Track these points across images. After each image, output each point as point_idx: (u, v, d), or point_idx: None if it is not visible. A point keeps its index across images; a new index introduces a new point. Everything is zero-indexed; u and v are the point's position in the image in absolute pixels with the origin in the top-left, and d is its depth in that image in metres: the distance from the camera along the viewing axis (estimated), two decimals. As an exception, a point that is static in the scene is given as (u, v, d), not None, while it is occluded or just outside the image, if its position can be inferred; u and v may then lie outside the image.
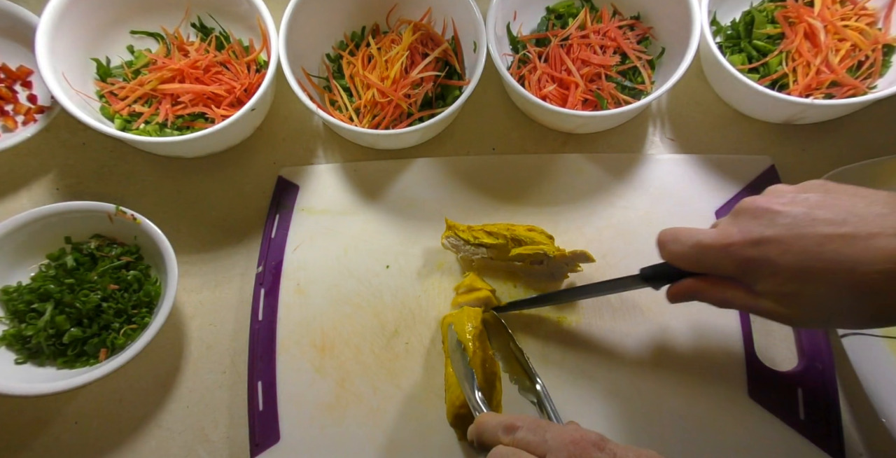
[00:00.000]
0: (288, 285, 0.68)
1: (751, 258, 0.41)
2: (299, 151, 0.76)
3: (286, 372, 0.64)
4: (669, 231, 0.47)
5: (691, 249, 0.44)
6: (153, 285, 0.66)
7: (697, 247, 0.44)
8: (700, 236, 0.44)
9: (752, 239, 0.41)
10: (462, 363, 0.56)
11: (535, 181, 0.71)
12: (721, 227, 0.44)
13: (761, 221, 0.42)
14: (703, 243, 0.44)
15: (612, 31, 0.72)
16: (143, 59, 0.73)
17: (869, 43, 0.67)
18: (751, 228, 0.42)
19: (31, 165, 0.75)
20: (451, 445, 0.61)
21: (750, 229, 0.42)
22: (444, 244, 0.66)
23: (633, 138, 0.75)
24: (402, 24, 0.75)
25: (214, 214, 0.74)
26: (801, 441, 0.59)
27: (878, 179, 0.67)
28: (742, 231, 0.42)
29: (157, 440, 0.65)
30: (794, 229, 0.40)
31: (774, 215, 0.41)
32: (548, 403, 0.56)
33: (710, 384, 0.62)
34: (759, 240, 0.41)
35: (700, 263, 0.45)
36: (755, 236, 0.41)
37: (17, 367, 0.62)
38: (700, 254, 0.44)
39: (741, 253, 0.42)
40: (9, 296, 0.64)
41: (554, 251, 0.62)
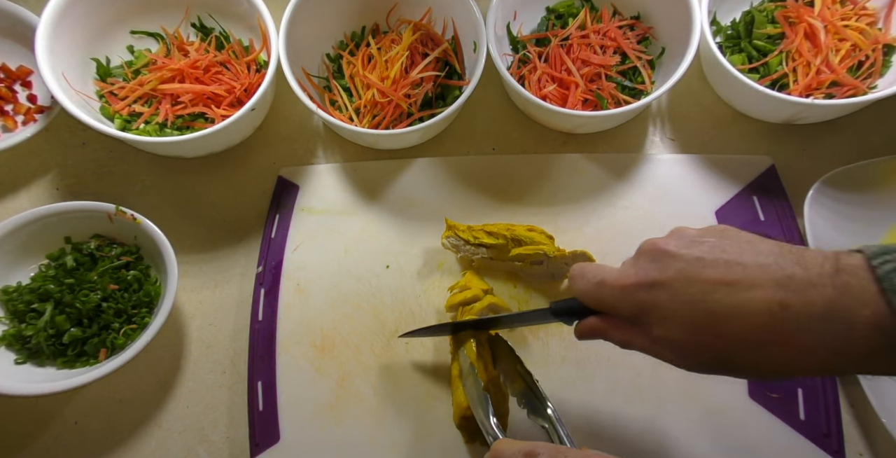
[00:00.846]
0: (288, 285, 0.68)
1: (643, 302, 0.41)
2: (299, 151, 0.76)
3: (286, 372, 0.64)
4: (579, 267, 0.46)
5: (595, 287, 0.44)
6: (153, 285, 0.66)
7: (600, 286, 0.44)
8: (604, 275, 0.44)
9: (646, 282, 0.41)
10: (475, 388, 0.55)
11: (535, 181, 0.71)
12: (623, 267, 0.44)
13: (657, 264, 0.41)
14: (605, 281, 0.43)
15: (612, 31, 0.72)
16: (143, 59, 0.73)
17: (869, 43, 0.67)
18: (647, 270, 0.42)
19: (31, 165, 0.76)
20: (452, 445, 0.61)
21: (646, 271, 0.42)
22: (444, 244, 0.66)
23: (633, 138, 0.75)
24: (402, 24, 0.75)
25: (214, 215, 0.74)
26: (801, 441, 0.59)
27: (878, 179, 0.67)
28: (638, 273, 0.42)
29: (157, 440, 0.65)
30: (684, 274, 0.40)
31: (670, 259, 0.41)
32: (560, 428, 0.54)
33: (710, 384, 0.62)
34: (651, 283, 0.41)
35: (601, 302, 0.44)
36: (649, 279, 0.41)
37: (17, 367, 0.62)
38: (600, 293, 0.44)
39: (635, 296, 0.42)
40: (9, 296, 0.64)
41: (554, 251, 0.62)
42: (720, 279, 0.38)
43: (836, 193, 0.66)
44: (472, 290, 0.63)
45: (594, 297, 0.45)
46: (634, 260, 0.44)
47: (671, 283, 0.40)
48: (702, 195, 0.70)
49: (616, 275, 0.43)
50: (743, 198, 0.69)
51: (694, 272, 0.39)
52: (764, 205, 0.68)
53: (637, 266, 0.43)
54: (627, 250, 0.67)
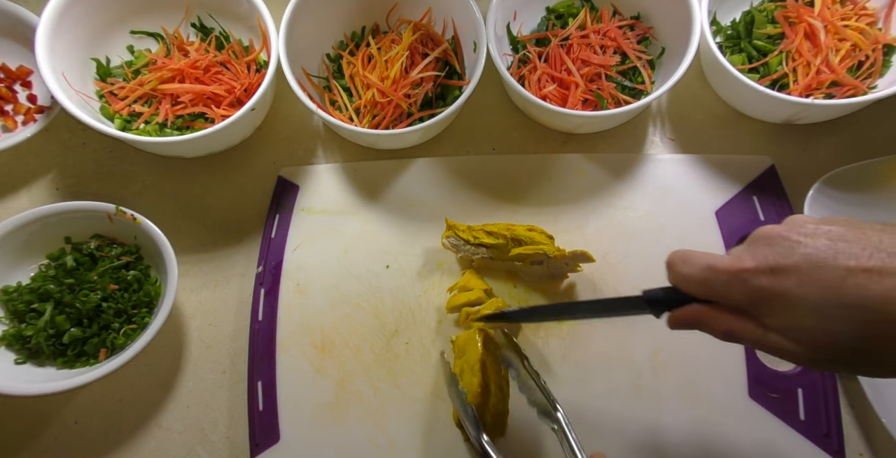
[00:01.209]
0: (288, 285, 0.68)
1: (764, 288, 0.38)
2: (299, 151, 0.76)
3: (286, 372, 0.64)
4: (680, 253, 0.43)
5: (701, 272, 0.41)
6: (153, 285, 0.66)
7: (708, 270, 0.41)
8: (712, 260, 0.41)
9: (768, 267, 0.38)
10: (458, 400, 0.54)
11: (535, 181, 0.71)
12: (735, 253, 0.41)
13: (778, 249, 0.38)
14: (715, 266, 0.40)
15: (612, 31, 0.72)
16: (143, 59, 0.73)
17: (869, 43, 0.67)
18: (766, 255, 0.39)
19: (31, 165, 0.76)
20: (452, 445, 0.61)
21: (765, 256, 0.39)
22: (444, 244, 0.66)
23: (633, 138, 0.75)
24: (402, 24, 0.75)
25: (214, 215, 0.74)
26: (801, 441, 0.59)
27: (878, 179, 0.67)
28: (756, 258, 0.39)
29: (157, 440, 0.65)
30: (814, 260, 0.37)
31: (793, 244, 0.38)
32: (570, 432, 0.53)
33: (710, 384, 0.62)
34: (774, 268, 0.38)
35: (709, 287, 0.41)
36: (770, 263, 0.38)
37: (17, 367, 0.62)
38: (710, 278, 0.41)
39: (754, 281, 0.39)
40: (9, 296, 0.64)
41: (554, 251, 0.62)
42: (859, 266, 0.36)
43: (836, 193, 0.66)
44: (475, 291, 0.63)
45: (701, 283, 0.41)
46: (748, 246, 0.41)
47: (798, 268, 0.37)
48: (702, 195, 0.70)
49: (728, 260, 0.40)
50: (743, 198, 0.69)
51: (826, 258, 0.37)
52: (764, 205, 0.68)
53: (753, 252, 0.40)
54: (627, 249, 0.68)
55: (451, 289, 0.66)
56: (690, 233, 0.68)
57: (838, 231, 0.38)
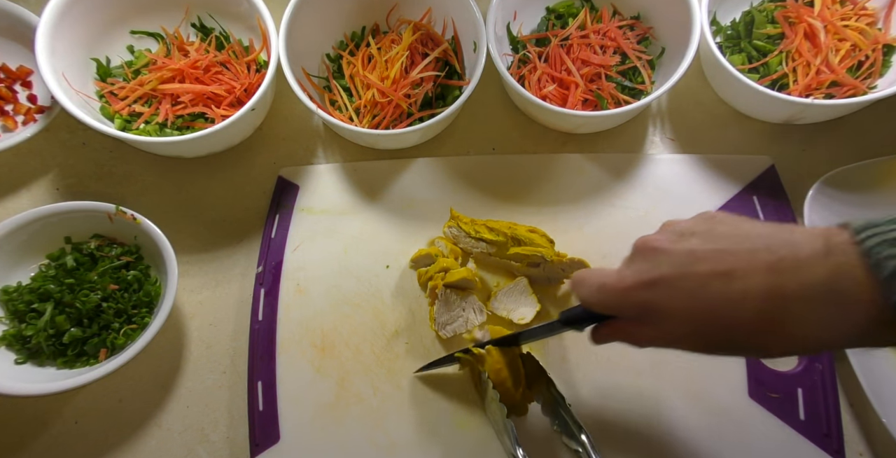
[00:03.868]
0: (288, 285, 0.68)
1: (645, 301, 0.41)
2: (299, 151, 0.76)
3: (286, 372, 0.64)
4: (579, 273, 0.46)
5: (597, 292, 0.44)
6: (153, 285, 0.66)
7: (601, 290, 0.44)
8: (602, 279, 0.44)
9: (643, 282, 0.41)
10: (500, 415, 0.55)
11: (535, 181, 0.71)
12: (620, 268, 0.44)
13: (650, 263, 0.41)
14: (605, 285, 0.43)
15: (612, 31, 0.72)
16: (143, 59, 0.73)
17: (869, 43, 0.67)
18: (642, 269, 0.42)
19: (31, 165, 0.75)
20: (452, 445, 0.61)
21: (641, 270, 0.42)
22: (444, 232, 0.67)
23: (633, 138, 0.75)
24: (402, 24, 0.75)
25: (214, 215, 0.74)
26: (801, 441, 0.59)
27: (878, 179, 0.67)
28: (634, 273, 0.42)
29: (157, 440, 0.65)
30: (678, 269, 0.40)
31: (662, 255, 0.41)
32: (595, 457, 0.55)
33: (710, 384, 0.62)
34: (648, 282, 0.41)
35: (606, 306, 0.44)
36: (645, 278, 0.41)
37: (17, 367, 0.62)
38: (603, 297, 0.44)
39: (637, 297, 0.42)
40: (9, 296, 0.64)
41: (552, 256, 0.62)
42: (712, 271, 0.39)
43: (836, 193, 0.66)
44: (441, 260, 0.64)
45: (598, 302, 0.45)
46: (629, 260, 0.44)
47: (667, 280, 0.40)
48: (702, 195, 0.70)
49: (615, 278, 0.43)
50: (743, 198, 0.69)
51: (686, 267, 0.40)
52: (764, 205, 0.68)
53: (632, 267, 0.43)
54: (627, 250, 0.67)
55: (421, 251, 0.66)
56: None
57: (700, 235, 0.41)
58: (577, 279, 0.46)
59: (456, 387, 0.63)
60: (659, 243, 0.42)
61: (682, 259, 0.40)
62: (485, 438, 0.61)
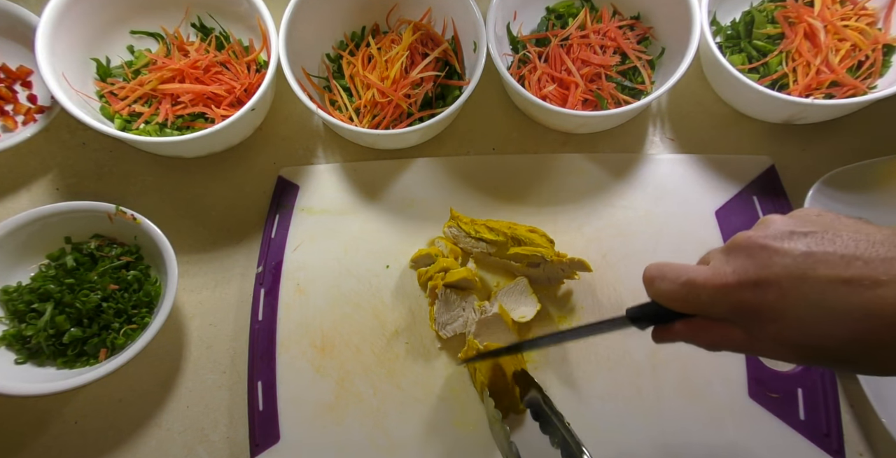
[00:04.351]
0: (288, 285, 0.68)
1: (748, 302, 0.38)
2: (299, 151, 0.76)
3: (286, 372, 0.64)
4: (655, 267, 0.42)
5: (681, 288, 0.40)
6: (153, 285, 0.66)
7: (688, 286, 0.40)
8: (691, 274, 0.40)
9: (749, 281, 0.38)
10: (503, 436, 0.54)
11: (535, 181, 0.71)
12: (714, 264, 0.40)
13: (758, 261, 0.38)
14: (695, 281, 0.40)
15: (612, 31, 0.72)
16: (143, 59, 0.73)
17: (869, 43, 0.67)
18: (747, 267, 0.38)
19: (31, 165, 0.76)
20: (452, 445, 0.61)
21: (746, 268, 0.38)
22: (444, 232, 0.67)
23: (633, 138, 0.75)
24: (402, 24, 0.75)
25: (214, 215, 0.74)
26: (801, 441, 0.59)
27: (878, 179, 0.67)
28: (737, 271, 0.38)
29: (157, 440, 0.65)
30: (793, 271, 0.36)
31: (772, 254, 0.37)
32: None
33: (710, 384, 0.62)
34: (756, 282, 0.37)
35: (692, 303, 0.41)
36: (751, 277, 0.38)
37: (17, 367, 0.62)
38: (691, 294, 0.40)
39: (737, 296, 0.38)
40: (9, 296, 0.64)
41: (552, 256, 0.62)
42: (838, 277, 0.35)
43: (836, 193, 0.66)
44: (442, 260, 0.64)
45: (682, 299, 0.41)
46: (727, 256, 0.40)
47: (779, 281, 0.37)
48: (702, 195, 0.70)
49: (708, 274, 0.40)
50: (743, 198, 0.69)
51: (805, 269, 0.36)
52: (764, 205, 0.68)
53: (733, 263, 0.39)
54: (627, 249, 0.68)
55: (420, 251, 0.66)
56: (690, 233, 0.68)
57: (816, 236, 0.37)
58: (652, 273, 0.42)
59: (456, 387, 0.63)
60: (768, 241, 0.38)
61: (798, 260, 0.36)
62: (485, 438, 0.61)
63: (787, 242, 0.38)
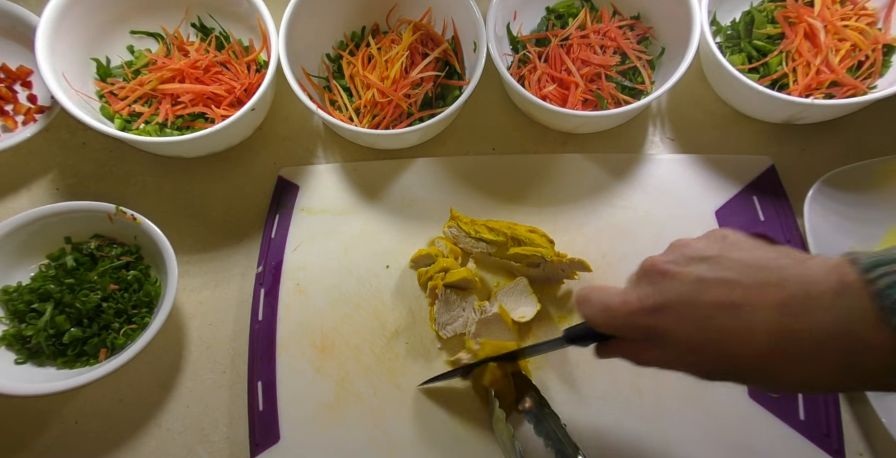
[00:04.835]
0: (288, 285, 0.68)
1: (650, 326, 0.40)
2: (299, 151, 0.76)
3: (286, 372, 0.64)
4: (583, 292, 0.45)
5: (601, 312, 0.43)
6: (153, 285, 0.66)
7: (606, 311, 0.43)
8: (607, 300, 0.43)
9: (648, 307, 0.40)
10: (507, 435, 0.55)
11: (535, 181, 0.71)
12: (625, 290, 0.43)
13: (657, 287, 0.40)
14: (610, 307, 0.43)
15: (612, 31, 0.72)
16: (143, 59, 0.73)
17: (869, 43, 0.67)
18: (648, 294, 0.41)
19: (31, 165, 0.75)
20: (452, 445, 0.61)
21: (647, 295, 0.41)
22: (444, 232, 0.67)
23: (633, 138, 0.75)
24: (402, 24, 0.75)
25: (214, 214, 0.74)
26: (801, 441, 0.59)
27: (878, 179, 0.67)
28: (640, 297, 0.41)
29: (157, 440, 0.65)
30: (685, 297, 0.39)
31: (669, 280, 0.40)
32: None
33: (710, 385, 0.61)
34: (654, 308, 0.40)
35: (609, 327, 0.44)
36: (651, 304, 0.40)
37: (17, 367, 0.62)
38: (608, 318, 0.43)
39: (642, 321, 0.41)
40: (9, 296, 0.64)
41: (552, 256, 0.62)
42: (720, 302, 0.37)
43: (836, 193, 0.66)
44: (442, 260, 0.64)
45: (602, 323, 0.44)
46: (636, 283, 0.43)
47: (673, 306, 0.39)
48: (702, 195, 0.70)
49: (619, 300, 0.42)
50: (743, 198, 0.69)
51: (694, 295, 0.39)
52: (764, 205, 0.68)
53: (639, 290, 0.42)
54: (627, 249, 0.68)
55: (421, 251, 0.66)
56: (690, 233, 0.67)
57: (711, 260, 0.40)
58: (581, 297, 0.45)
59: (456, 387, 0.63)
60: (667, 267, 0.41)
61: (689, 287, 0.39)
62: (485, 438, 0.61)
63: (684, 267, 0.40)
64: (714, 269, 0.39)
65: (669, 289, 0.40)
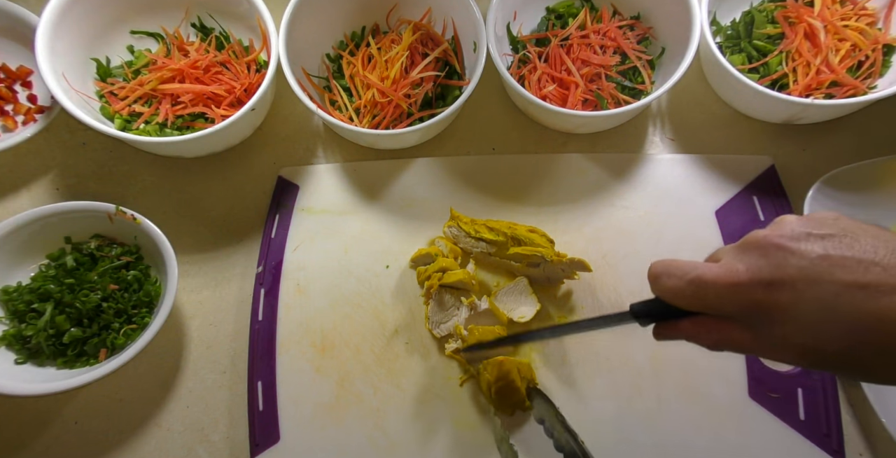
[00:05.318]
0: (288, 285, 0.68)
1: (759, 302, 0.37)
2: (299, 151, 0.76)
3: (286, 372, 0.64)
4: (661, 264, 0.41)
5: (688, 285, 0.39)
6: (153, 285, 0.66)
7: (696, 283, 0.39)
8: (699, 271, 0.39)
9: (762, 280, 0.37)
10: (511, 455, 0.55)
11: (535, 181, 0.71)
12: (726, 261, 0.39)
13: (772, 260, 0.37)
14: (704, 278, 0.39)
15: (612, 31, 0.72)
16: (143, 59, 0.73)
17: (869, 43, 0.67)
18: (760, 266, 0.37)
19: (31, 165, 0.76)
20: (452, 445, 0.61)
21: (760, 267, 0.37)
22: (444, 232, 0.67)
23: (633, 138, 0.75)
24: (402, 24, 0.75)
25: (214, 214, 0.74)
26: (801, 441, 0.59)
27: (878, 179, 0.67)
28: (751, 270, 0.37)
29: (157, 440, 0.65)
30: (809, 273, 0.36)
31: (787, 255, 0.37)
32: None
33: (711, 384, 0.62)
34: (769, 282, 0.37)
35: (699, 300, 0.40)
36: (765, 277, 0.37)
37: (17, 367, 0.62)
38: (700, 291, 0.39)
39: (748, 295, 0.37)
40: (9, 296, 0.64)
41: (552, 256, 0.62)
42: (854, 282, 0.35)
43: (836, 193, 0.66)
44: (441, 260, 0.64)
45: (689, 296, 0.40)
46: (739, 254, 0.39)
47: (793, 282, 0.36)
48: (702, 195, 0.70)
49: (719, 271, 0.39)
50: (743, 198, 0.69)
51: (821, 272, 0.35)
52: (764, 205, 0.68)
53: (746, 262, 0.38)
54: (627, 249, 0.68)
55: (421, 250, 0.66)
56: (690, 233, 0.68)
57: (833, 239, 0.37)
58: (658, 270, 0.41)
59: (456, 387, 0.63)
60: (784, 241, 0.37)
61: (814, 263, 0.36)
62: (485, 438, 0.61)
63: (803, 243, 0.37)
64: (841, 247, 0.36)
65: (788, 264, 0.36)
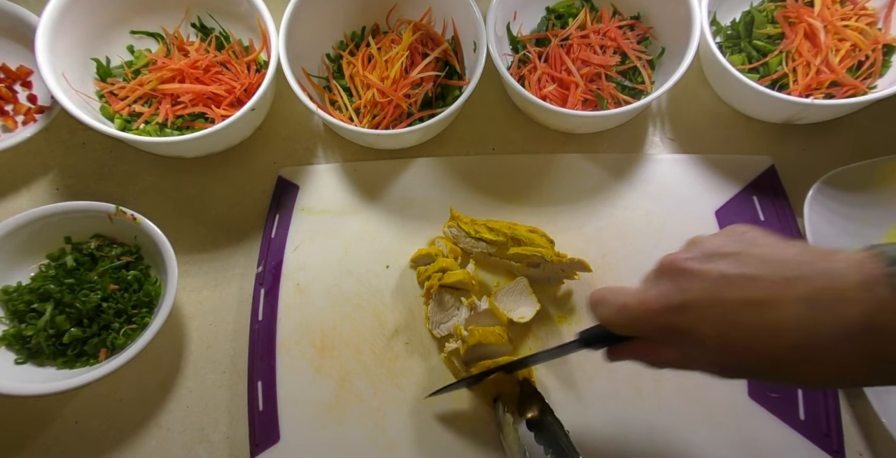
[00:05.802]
0: (288, 285, 0.68)
1: (672, 326, 0.40)
2: (299, 151, 0.76)
3: (286, 372, 0.64)
4: (598, 293, 0.44)
5: (617, 313, 0.42)
6: (153, 285, 0.66)
7: (622, 311, 0.42)
8: (623, 300, 0.42)
9: (671, 306, 0.39)
10: (514, 441, 0.55)
11: (535, 181, 0.71)
12: (644, 288, 0.42)
13: (679, 285, 0.40)
14: (627, 306, 0.42)
15: (612, 31, 0.72)
16: (143, 59, 0.73)
17: (869, 43, 0.67)
18: (669, 292, 0.40)
19: (31, 165, 0.76)
20: (452, 444, 0.61)
21: (668, 293, 0.40)
22: (444, 232, 0.67)
23: (633, 138, 0.75)
24: (402, 24, 0.75)
25: (214, 214, 0.74)
26: (801, 441, 0.59)
27: (878, 179, 0.67)
28: (661, 296, 0.40)
29: (157, 440, 0.65)
30: (709, 295, 0.38)
31: (691, 278, 0.39)
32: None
33: (710, 385, 0.62)
34: (676, 307, 0.39)
35: (627, 327, 0.43)
36: (673, 302, 0.39)
37: (17, 367, 0.62)
38: (625, 319, 0.42)
39: (662, 320, 0.40)
40: (9, 296, 0.64)
41: (552, 256, 0.62)
42: (745, 299, 0.37)
43: (836, 193, 0.66)
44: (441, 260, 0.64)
45: (619, 323, 0.43)
46: (655, 280, 0.42)
47: (696, 305, 0.38)
48: (702, 195, 0.70)
49: (638, 299, 0.41)
50: (743, 198, 0.69)
51: (717, 292, 0.38)
52: (764, 205, 0.68)
53: (658, 288, 0.41)
54: (627, 249, 0.68)
55: (421, 251, 0.66)
56: (690, 233, 0.66)
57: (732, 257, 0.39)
58: (596, 299, 0.44)
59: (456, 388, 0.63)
60: (688, 264, 0.40)
61: (713, 284, 0.38)
62: (485, 438, 0.61)
63: (707, 263, 0.39)
64: (736, 265, 0.38)
65: (691, 287, 0.39)
